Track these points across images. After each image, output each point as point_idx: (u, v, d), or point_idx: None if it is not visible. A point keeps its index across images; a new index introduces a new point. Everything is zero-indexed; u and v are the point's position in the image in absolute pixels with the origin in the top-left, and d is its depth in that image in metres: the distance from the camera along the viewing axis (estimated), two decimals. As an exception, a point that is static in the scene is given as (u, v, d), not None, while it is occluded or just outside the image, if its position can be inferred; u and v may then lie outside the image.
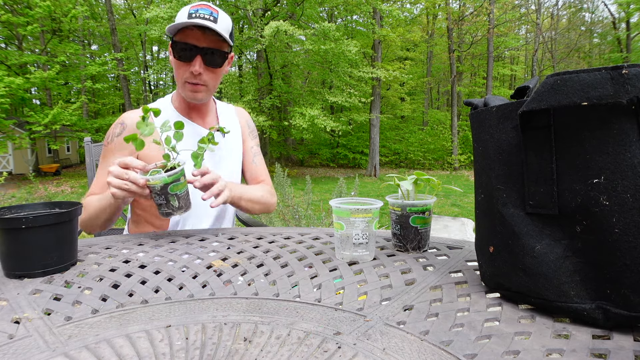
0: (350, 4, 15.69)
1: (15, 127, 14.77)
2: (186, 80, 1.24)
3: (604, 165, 0.52)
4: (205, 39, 1.20)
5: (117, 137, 1.27)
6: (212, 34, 1.20)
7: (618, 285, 0.52)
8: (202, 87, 1.26)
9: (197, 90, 1.26)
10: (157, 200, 1.00)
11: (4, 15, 11.42)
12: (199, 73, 1.21)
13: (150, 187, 0.99)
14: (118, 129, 1.28)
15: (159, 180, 0.98)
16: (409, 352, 0.51)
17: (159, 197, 0.99)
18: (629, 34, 19.98)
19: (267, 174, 1.52)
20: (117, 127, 1.28)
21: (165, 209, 1.00)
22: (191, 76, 1.23)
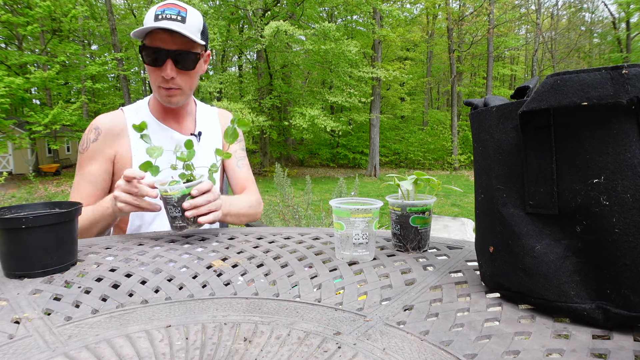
0: (350, 4, 15.69)
1: (15, 127, 14.78)
2: (159, 85, 1.20)
3: (604, 165, 0.52)
4: (174, 41, 1.14)
5: (92, 143, 1.24)
6: (180, 35, 1.14)
7: (618, 285, 0.52)
8: (176, 91, 1.21)
9: (172, 95, 1.22)
10: (173, 212, 0.96)
11: (4, 15, 11.42)
12: (172, 77, 1.17)
13: (167, 198, 0.96)
14: (93, 134, 1.24)
15: (178, 192, 0.95)
16: (409, 352, 0.51)
17: (174, 209, 0.96)
18: (629, 34, 19.99)
19: (253, 179, 1.46)
20: (92, 132, 1.25)
21: (180, 222, 0.97)
22: (163, 81, 1.18)
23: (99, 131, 1.25)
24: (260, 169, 16.89)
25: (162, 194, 0.97)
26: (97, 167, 1.25)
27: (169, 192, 0.96)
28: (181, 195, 0.96)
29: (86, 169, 1.25)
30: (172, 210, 0.97)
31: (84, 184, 1.25)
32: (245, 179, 1.44)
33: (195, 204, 0.97)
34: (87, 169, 1.25)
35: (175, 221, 0.97)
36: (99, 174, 1.25)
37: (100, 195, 1.26)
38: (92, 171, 1.25)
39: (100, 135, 1.24)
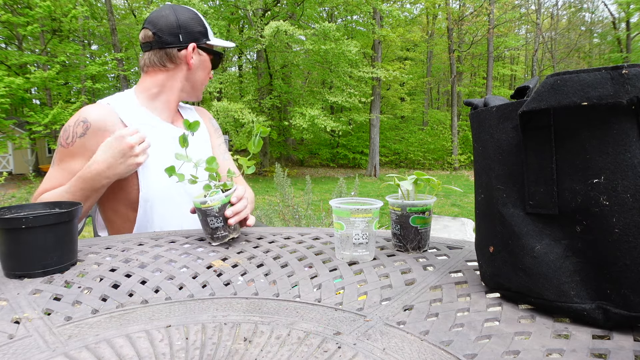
0: (350, 4, 15.69)
1: (15, 127, 14.78)
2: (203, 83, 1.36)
3: (604, 165, 0.52)
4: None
5: (79, 138, 1.15)
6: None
7: (618, 285, 0.52)
8: None
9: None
10: (214, 223, 0.94)
11: (4, 15, 11.42)
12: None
13: (207, 210, 0.94)
14: (80, 128, 1.15)
15: (219, 202, 0.94)
16: (409, 352, 0.51)
17: (216, 220, 0.94)
18: (629, 34, 19.98)
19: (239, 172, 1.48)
20: (79, 126, 1.16)
21: (222, 232, 0.95)
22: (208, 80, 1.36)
23: (87, 125, 1.16)
24: (260, 169, 16.89)
25: (202, 206, 0.94)
26: (82, 164, 1.15)
27: (209, 203, 0.93)
28: (222, 205, 0.94)
29: (67, 164, 1.17)
30: (214, 221, 0.94)
31: (62, 179, 1.16)
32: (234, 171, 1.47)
33: (237, 211, 0.97)
34: (68, 164, 1.16)
35: (218, 231, 0.95)
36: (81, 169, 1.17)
37: None
38: (74, 167, 1.16)
39: (89, 129, 1.15)
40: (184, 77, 1.29)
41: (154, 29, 1.23)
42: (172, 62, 1.26)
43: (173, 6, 1.26)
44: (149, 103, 1.28)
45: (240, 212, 0.98)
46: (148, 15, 1.27)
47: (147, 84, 1.28)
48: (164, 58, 1.24)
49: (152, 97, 1.28)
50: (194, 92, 1.34)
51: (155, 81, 1.27)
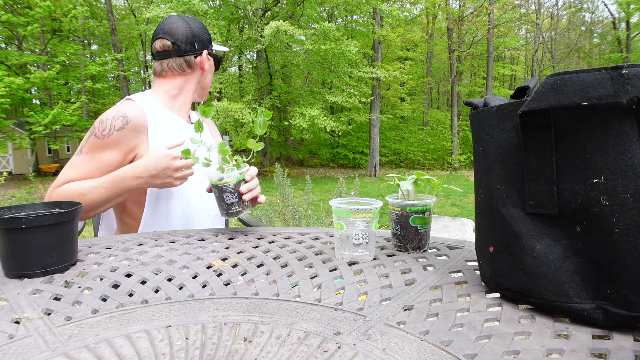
0: (350, 4, 15.69)
1: (15, 127, 14.77)
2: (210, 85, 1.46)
3: (604, 165, 0.52)
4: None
5: (117, 131, 1.18)
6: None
7: (618, 285, 0.52)
8: None
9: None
10: (230, 199, 1.01)
11: (4, 16, 11.42)
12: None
13: (223, 186, 1.01)
14: (119, 122, 1.18)
15: (234, 178, 1.01)
16: (409, 352, 0.51)
17: (231, 196, 1.01)
18: (629, 34, 19.98)
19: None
20: (119, 120, 1.18)
21: (237, 208, 1.02)
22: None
23: (127, 120, 1.19)
24: (260, 169, 16.89)
25: (218, 183, 1.01)
26: (113, 157, 1.18)
27: (225, 179, 1.01)
28: (236, 182, 1.01)
29: (99, 155, 1.17)
30: (229, 197, 1.02)
31: (90, 167, 1.17)
32: None
33: (251, 187, 1.06)
34: (100, 155, 1.17)
35: (233, 207, 1.03)
36: (113, 164, 1.18)
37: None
38: (105, 159, 1.18)
39: (128, 125, 1.19)
40: (197, 80, 1.41)
41: (172, 39, 1.33)
42: (190, 68, 1.37)
43: (183, 17, 1.37)
44: (169, 104, 1.36)
45: (253, 189, 1.07)
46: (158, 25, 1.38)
47: (167, 86, 1.36)
48: (183, 64, 1.35)
49: (172, 98, 1.37)
50: (203, 92, 1.45)
51: (175, 84, 1.36)
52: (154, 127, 1.25)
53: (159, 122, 1.28)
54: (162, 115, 1.30)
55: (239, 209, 1.03)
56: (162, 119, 1.30)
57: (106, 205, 1.16)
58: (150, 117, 1.25)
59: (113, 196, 1.14)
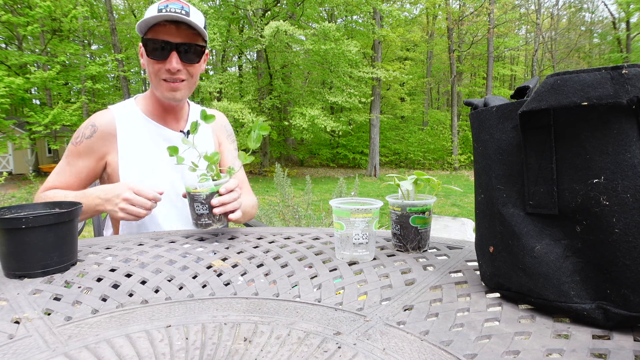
0: (350, 4, 15.69)
1: (15, 127, 14.78)
2: (163, 78, 1.20)
3: (604, 165, 0.52)
4: (180, 33, 1.16)
5: (86, 139, 1.23)
6: (186, 28, 1.16)
7: (618, 285, 0.52)
8: (181, 84, 1.22)
9: (176, 89, 1.21)
10: (200, 209, 0.98)
11: (4, 16, 11.42)
12: (177, 70, 1.18)
13: (195, 195, 0.97)
14: (88, 130, 1.23)
15: (207, 189, 0.97)
16: (409, 352, 0.51)
17: (202, 207, 0.97)
18: (629, 34, 19.98)
19: (247, 180, 1.47)
20: (88, 129, 1.23)
21: (206, 220, 0.98)
22: (167, 74, 1.19)
23: (95, 128, 1.23)
24: (260, 169, 16.88)
25: (191, 191, 0.98)
26: (86, 164, 1.23)
27: (198, 189, 0.97)
28: (209, 193, 0.97)
29: (75, 162, 1.23)
30: (200, 208, 0.98)
31: (69, 174, 1.23)
32: (242, 181, 1.44)
33: (224, 202, 0.99)
34: (75, 162, 1.23)
35: (202, 219, 0.99)
36: (87, 171, 1.24)
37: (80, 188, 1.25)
38: (80, 166, 1.24)
39: (96, 133, 1.23)
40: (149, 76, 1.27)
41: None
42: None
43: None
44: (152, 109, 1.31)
45: (226, 204, 1.00)
46: None
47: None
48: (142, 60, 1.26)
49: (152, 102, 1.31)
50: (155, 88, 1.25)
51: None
52: (124, 135, 1.25)
53: (130, 129, 1.26)
54: (137, 123, 1.27)
55: (208, 221, 0.99)
56: (136, 127, 1.26)
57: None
58: (121, 125, 1.25)
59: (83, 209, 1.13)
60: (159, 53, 1.17)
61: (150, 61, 1.19)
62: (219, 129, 1.45)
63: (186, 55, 1.18)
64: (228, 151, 1.44)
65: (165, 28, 1.15)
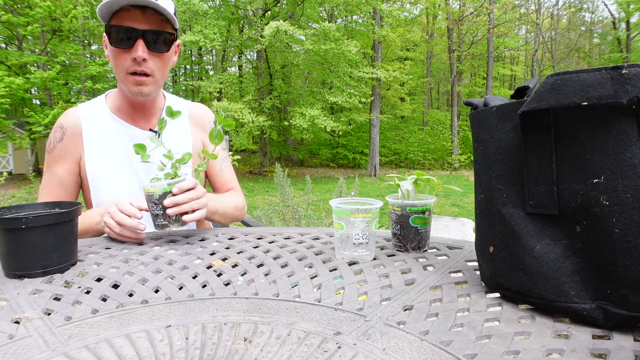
0: (350, 4, 15.69)
1: (15, 127, 14.79)
2: (128, 70, 1.09)
3: (604, 165, 0.52)
4: (147, 19, 1.06)
5: (58, 142, 1.19)
6: (153, 13, 1.06)
7: (618, 285, 0.52)
8: (147, 79, 1.11)
9: (142, 83, 1.11)
10: (154, 210, 0.96)
11: (4, 16, 11.42)
12: (143, 59, 1.07)
13: (148, 195, 0.96)
14: (59, 133, 1.20)
15: (159, 189, 0.95)
16: (409, 352, 0.51)
17: (156, 207, 0.95)
18: (629, 34, 19.98)
19: (236, 180, 1.41)
20: (57, 132, 1.20)
21: (162, 220, 0.96)
22: (134, 64, 1.08)
23: (63, 130, 1.19)
24: (260, 169, 16.89)
25: (145, 191, 0.96)
26: (64, 168, 1.19)
27: (150, 189, 0.95)
28: (162, 193, 0.95)
29: (53, 170, 1.20)
30: (154, 208, 0.96)
31: (53, 187, 1.19)
32: (229, 181, 1.38)
33: (177, 202, 0.95)
34: (54, 170, 1.19)
35: (157, 219, 0.97)
36: (67, 176, 1.20)
37: (70, 199, 1.21)
38: (59, 173, 1.19)
39: (66, 134, 1.19)
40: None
41: None
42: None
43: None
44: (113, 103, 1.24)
45: (180, 204, 0.96)
46: None
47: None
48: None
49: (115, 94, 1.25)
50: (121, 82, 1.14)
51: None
52: (89, 134, 1.20)
53: (96, 128, 1.21)
54: (104, 121, 1.21)
55: (164, 222, 0.96)
56: (102, 126, 1.21)
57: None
58: (86, 124, 1.20)
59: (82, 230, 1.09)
60: (124, 41, 1.06)
61: (114, 50, 1.09)
62: (202, 127, 1.34)
63: (154, 44, 1.08)
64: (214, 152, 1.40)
65: (130, 13, 1.05)
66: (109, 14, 1.07)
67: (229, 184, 1.39)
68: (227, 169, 1.40)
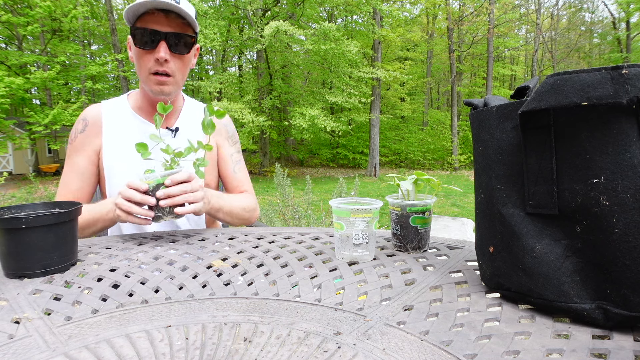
0: (350, 4, 15.70)
1: (15, 127, 14.79)
2: (151, 70, 1.16)
3: (604, 165, 0.52)
4: (170, 23, 1.13)
5: (80, 134, 1.25)
6: (175, 17, 1.13)
7: (618, 285, 0.52)
8: (169, 79, 1.17)
9: (164, 83, 1.17)
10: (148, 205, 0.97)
11: (4, 16, 11.42)
12: (165, 60, 1.14)
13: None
14: (80, 125, 1.25)
15: (153, 181, 0.96)
16: (409, 352, 0.51)
17: (151, 199, 0.96)
18: (629, 34, 19.98)
19: (250, 183, 1.43)
20: (80, 123, 1.26)
21: (156, 212, 0.97)
22: (156, 64, 1.15)
23: (86, 122, 1.25)
24: (260, 169, 16.89)
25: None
26: (84, 159, 1.24)
27: (144, 180, 0.96)
28: (156, 185, 0.96)
29: (74, 160, 1.24)
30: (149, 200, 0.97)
31: (72, 177, 1.24)
32: (242, 183, 1.40)
33: (169, 194, 0.96)
34: (75, 160, 1.24)
35: (152, 210, 0.97)
36: (86, 166, 1.24)
37: (89, 189, 1.26)
38: (79, 163, 1.24)
39: (87, 126, 1.25)
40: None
41: None
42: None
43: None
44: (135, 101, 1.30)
45: (173, 196, 0.96)
46: None
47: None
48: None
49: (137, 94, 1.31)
50: (144, 83, 1.21)
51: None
52: (109, 128, 1.25)
53: (116, 124, 1.25)
54: (124, 118, 1.26)
55: (158, 213, 0.96)
56: (122, 122, 1.25)
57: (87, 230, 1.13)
58: (107, 118, 1.25)
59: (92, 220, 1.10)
60: (147, 43, 1.13)
61: (138, 51, 1.16)
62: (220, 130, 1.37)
63: (175, 46, 1.15)
64: (229, 155, 1.38)
65: (154, 17, 1.12)
66: (135, 17, 1.13)
67: (242, 186, 1.40)
68: (241, 171, 1.42)
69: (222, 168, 1.38)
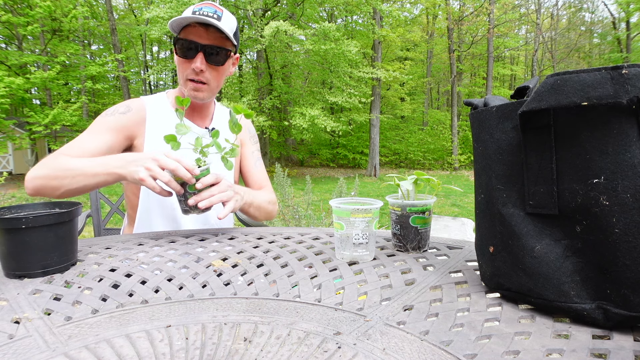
0: (350, 4, 15.69)
1: (15, 127, 14.78)
2: (188, 77, 1.25)
3: (604, 165, 0.52)
4: (208, 36, 1.22)
5: (120, 114, 1.25)
6: (214, 30, 1.22)
7: (618, 285, 0.52)
8: (203, 87, 1.26)
9: (198, 89, 1.26)
10: (181, 196, 1.01)
11: (4, 16, 11.42)
12: (201, 70, 1.22)
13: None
14: (123, 108, 1.27)
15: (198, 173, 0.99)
16: (409, 352, 0.51)
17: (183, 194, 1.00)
18: (629, 34, 19.98)
19: (268, 179, 1.52)
20: (122, 106, 1.28)
21: (184, 206, 1.01)
22: (193, 73, 1.23)
23: (129, 108, 1.27)
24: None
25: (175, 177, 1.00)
26: (111, 139, 1.21)
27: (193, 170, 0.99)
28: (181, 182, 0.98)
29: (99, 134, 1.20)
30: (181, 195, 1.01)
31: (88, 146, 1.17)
32: (262, 179, 1.48)
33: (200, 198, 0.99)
34: (100, 135, 1.20)
35: (181, 204, 1.02)
36: (111, 144, 1.20)
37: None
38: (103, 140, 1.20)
39: (130, 112, 1.26)
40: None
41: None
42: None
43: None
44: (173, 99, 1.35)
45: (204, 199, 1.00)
46: None
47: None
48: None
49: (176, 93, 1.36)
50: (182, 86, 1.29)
51: None
52: (153, 122, 1.28)
53: (160, 118, 1.29)
54: (166, 114, 1.31)
55: (186, 208, 1.01)
56: (165, 117, 1.30)
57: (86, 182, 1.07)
58: (151, 112, 1.29)
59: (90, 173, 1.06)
60: (187, 52, 1.22)
61: (178, 59, 1.26)
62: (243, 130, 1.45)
63: (211, 57, 1.23)
64: (250, 153, 1.48)
65: (195, 29, 1.21)
66: (179, 28, 1.24)
67: (262, 182, 1.48)
68: (260, 167, 1.50)
69: (244, 164, 1.48)
